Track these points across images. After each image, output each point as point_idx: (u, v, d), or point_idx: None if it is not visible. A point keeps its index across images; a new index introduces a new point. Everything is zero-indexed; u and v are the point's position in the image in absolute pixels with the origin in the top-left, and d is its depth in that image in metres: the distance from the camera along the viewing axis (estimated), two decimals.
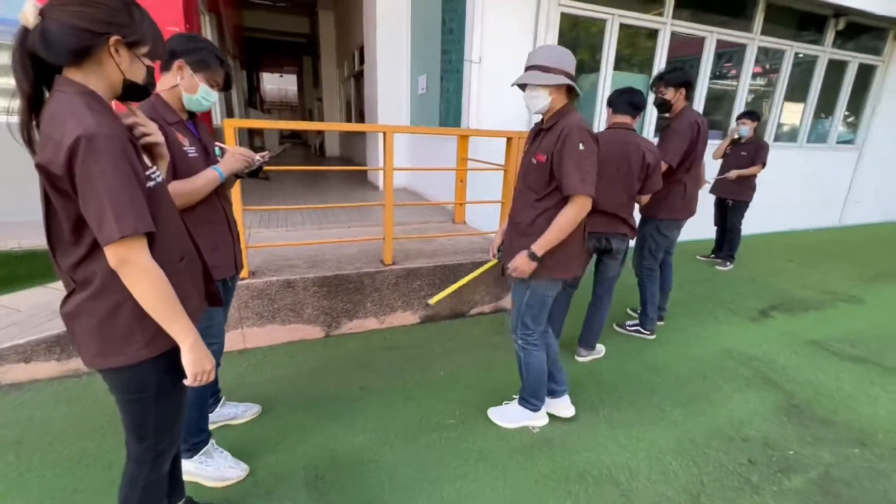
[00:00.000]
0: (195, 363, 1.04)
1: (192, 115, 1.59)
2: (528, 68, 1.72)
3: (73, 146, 0.82)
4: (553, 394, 2.15)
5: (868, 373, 2.65)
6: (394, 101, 5.96)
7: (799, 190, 6.31)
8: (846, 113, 6.44)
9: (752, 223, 6.04)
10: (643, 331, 3.00)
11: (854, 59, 6.02)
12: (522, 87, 1.78)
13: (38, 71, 0.88)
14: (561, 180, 1.68)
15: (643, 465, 1.87)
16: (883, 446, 2.02)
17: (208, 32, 5.51)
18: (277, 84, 24.44)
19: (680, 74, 2.74)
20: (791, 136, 6.14)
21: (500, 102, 4.08)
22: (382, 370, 2.53)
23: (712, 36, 4.95)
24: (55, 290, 2.77)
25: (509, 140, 3.05)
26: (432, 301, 2.52)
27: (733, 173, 4.22)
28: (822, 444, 2.02)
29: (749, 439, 2.04)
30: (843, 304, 3.73)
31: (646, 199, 2.48)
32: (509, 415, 2.13)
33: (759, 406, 2.29)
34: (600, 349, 2.75)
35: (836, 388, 2.47)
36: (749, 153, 4.18)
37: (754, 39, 5.19)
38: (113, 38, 0.90)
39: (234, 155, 1.58)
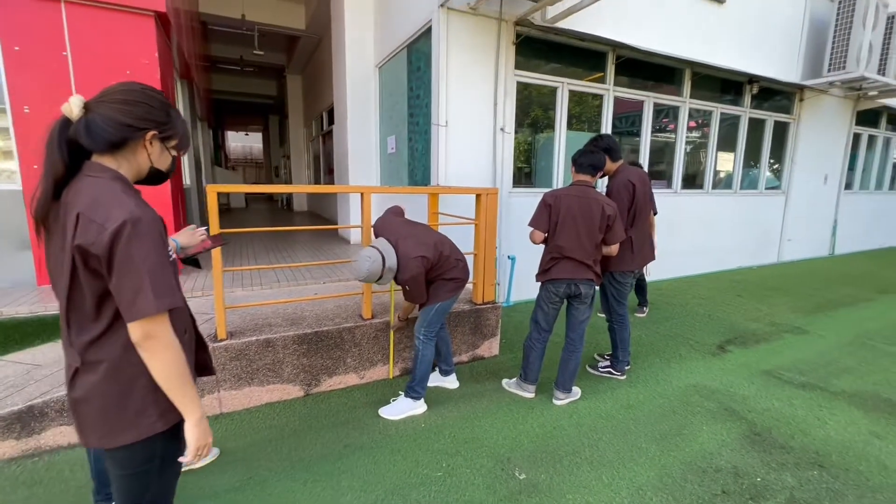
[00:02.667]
0: (200, 438, 1.06)
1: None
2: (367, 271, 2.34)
3: (118, 229, 0.89)
4: (446, 373, 2.99)
5: (816, 398, 2.88)
6: (364, 160, 6.23)
7: (739, 231, 6.92)
8: (771, 161, 7.27)
9: (703, 264, 6.55)
10: (614, 372, 3.14)
11: (770, 117, 6.90)
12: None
13: (71, 155, 0.97)
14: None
15: (626, 502, 1.94)
16: (837, 467, 2.19)
17: (181, 98, 5.67)
18: (242, 142, 24.68)
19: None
20: (727, 183, 6.82)
21: (466, 161, 4.39)
22: (366, 426, 2.51)
23: (649, 100, 5.59)
24: (7, 363, 2.63)
25: (479, 196, 3.28)
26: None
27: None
28: (784, 468, 2.17)
29: (720, 469, 2.16)
30: (789, 335, 4.05)
31: (614, 248, 2.68)
32: (397, 408, 2.63)
33: (726, 437, 2.44)
34: (576, 391, 2.86)
35: (791, 415, 2.67)
36: None
37: (685, 102, 5.89)
38: (150, 133, 1.02)
39: (194, 232, 1.61)
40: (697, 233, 6.37)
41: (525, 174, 5.11)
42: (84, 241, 0.90)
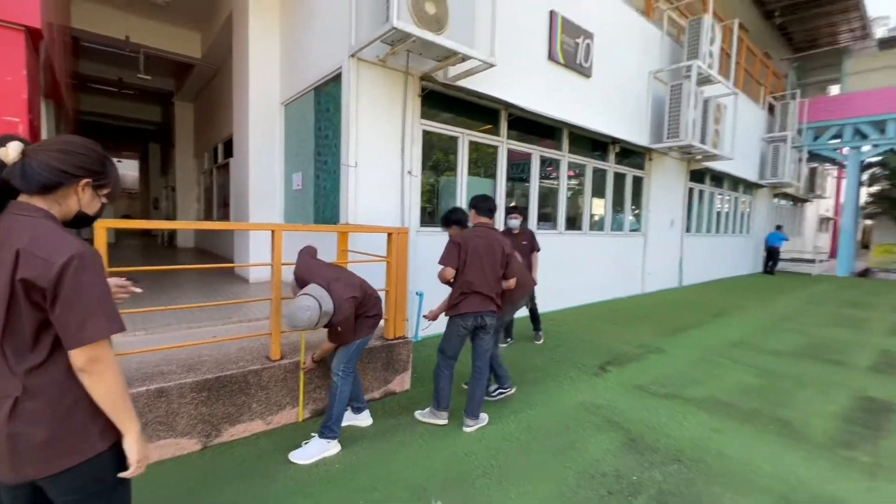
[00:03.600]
0: (141, 450, 1.12)
1: None
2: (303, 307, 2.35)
3: (66, 263, 0.95)
4: (358, 410, 2.96)
5: (675, 406, 3.46)
6: (266, 196, 6.03)
7: (612, 267, 8.04)
8: (633, 208, 8.67)
9: (586, 295, 7.43)
10: (504, 389, 3.40)
11: (629, 172, 8.29)
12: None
13: None
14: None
15: None
16: (691, 459, 2.67)
17: (46, 121, 4.99)
18: None
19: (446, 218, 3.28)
20: (600, 226, 7.94)
21: (375, 201, 4.55)
22: (276, 474, 2.39)
23: (536, 152, 6.40)
24: None
25: (390, 235, 3.43)
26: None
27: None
28: (654, 466, 2.58)
29: (606, 474, 2.49)
30: (653, 354, 4.79)
31: (513, 282, 3.02)
32: (309, 451, 2.55)
33: (609, 445, 2.81)
34: (484, 417, 3.06)
35: (657, 421, 3.17)
36: (527, 241, 4.90)
37: (564, 156, 6.85)
38: (83, 181, 1.07)
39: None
40: (579, 269, 7.25)
41: (429, 214, 5.42)
42: (29, 274, 0.94)
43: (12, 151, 0.98)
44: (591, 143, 7.46)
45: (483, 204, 3.01)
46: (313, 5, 5.11)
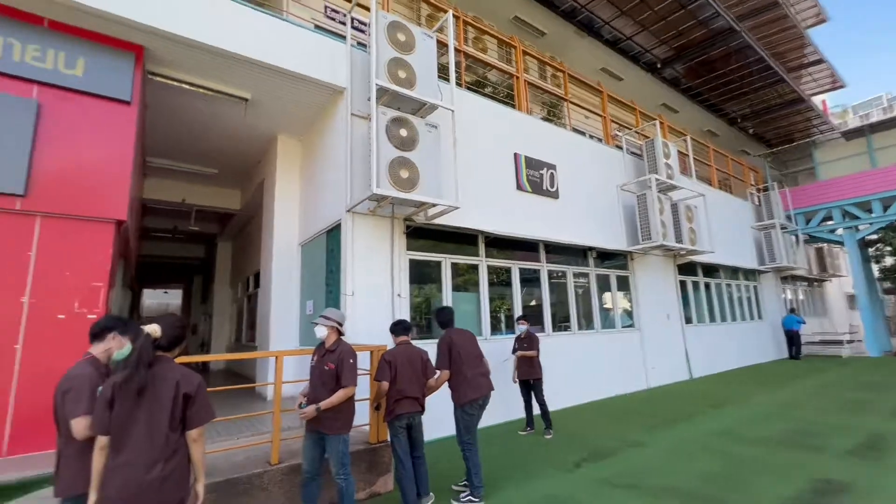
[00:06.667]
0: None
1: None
2: (321, 316, 3.40)
3: (199, 382, 2.01)
4: None
5: (631, 493, 3.78)
6: (285, 320, 7.06)
7: (608, 363, 8.36)
8: (622, 305, 9.22)
9: (580, 394, 7.69)
10: (474, 499, 3.71)
11: (612, 273, 9.06)
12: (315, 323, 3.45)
13: None
14: (340, 377, 3.18)
15: None
16: None
17: (120, 275, 6.37)
18: (159, 299, 24.14)
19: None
20: (590, 324, 8.46)
21: (368, 324, 5.44)
22: None
23: (515, 266, 7.35)
24: None
25: (372, 352, 4.24)
26: None
27: (512, 357, 5.85)
28: None
29: None
30: (630, 448, 5.06)
31: (433, 381, 3.76)
32: None
33: None
34: (432, 496, 3.68)
35: None
36: (528, 344, 5.84)
37: (543, 266, 7.76)
38: (185, 341, 2.09)
39: None
40: (574, 367, 7.65)
41: (418, 327, 6.22)
42: (187, 390, 1.96)
43: (158, 330, 2.01)
44: (570, 252, 8.39)
45: (397, 328, 3.89)
46: (323, 175, 6.65)
